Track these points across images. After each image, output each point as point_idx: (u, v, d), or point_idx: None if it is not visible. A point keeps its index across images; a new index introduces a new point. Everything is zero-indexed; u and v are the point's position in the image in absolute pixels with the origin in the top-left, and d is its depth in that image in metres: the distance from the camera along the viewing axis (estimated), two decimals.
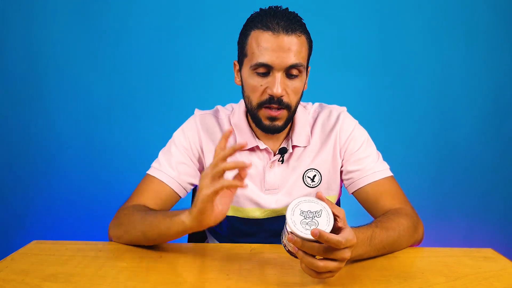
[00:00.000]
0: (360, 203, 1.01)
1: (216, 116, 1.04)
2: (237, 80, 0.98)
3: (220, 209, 0.74)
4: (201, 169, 1.02)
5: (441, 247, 0.90)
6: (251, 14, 0.93)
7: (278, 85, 0.87)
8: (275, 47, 0.85)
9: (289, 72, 0.88)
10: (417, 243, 0.92)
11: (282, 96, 0.88)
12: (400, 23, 2.03)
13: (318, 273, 0.67)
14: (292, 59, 0.86)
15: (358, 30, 2.03)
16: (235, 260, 0.83)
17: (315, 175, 1.00)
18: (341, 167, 1.02)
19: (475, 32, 2.03)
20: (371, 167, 0.99)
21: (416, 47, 2.04)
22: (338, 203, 1.16)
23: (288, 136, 1.01)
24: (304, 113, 1.04)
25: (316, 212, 0.67)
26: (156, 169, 0.98)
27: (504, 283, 0.73)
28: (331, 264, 0.66)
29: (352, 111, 1.09)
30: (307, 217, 0.66)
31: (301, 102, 1.05)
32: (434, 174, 2.12)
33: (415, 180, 2.09)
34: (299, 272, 0.77)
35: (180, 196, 1.00)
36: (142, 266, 0.78)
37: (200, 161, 1.02)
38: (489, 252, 0.88)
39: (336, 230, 0.67)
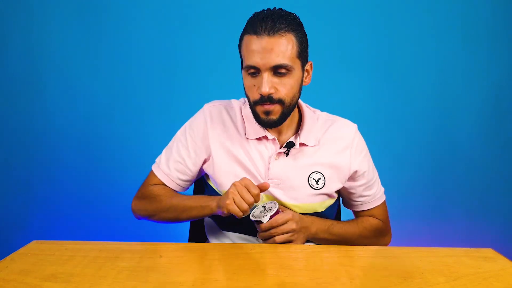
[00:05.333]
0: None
1: (227, 105, 1.08)
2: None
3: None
4: (208, 158, 1.05)
5: (441, 247, 0.91)
6: (248, 18, 0.96)
7: (265, 84, 0.92)
8: (259, 49, 0.91)
9: (277, 71, 0.93)
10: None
11: (271, 93, 0.93)
12: (399, 22, 2.03)
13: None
14: (275, 60, 0.91)
15: (357, 29, 2.03)
16: (235, 260, 0.83)
17: (319, 178, 1.02)
18: (347, 182, 1.07)
19: (475, 31, 2.03)
20: (372, 193, 1.10)
21: (416, 46, 2.04)
22: (337, 207, 1.19)
23: (297, 134, 1.04)
24: (313, 117, 1.07)
25: (267, 208, 0.96)
26: (156, 164, 1.09)
27: (504, 283, 0.73)
28: (284, 237, 0.93)
29: (351, 110, 1.11)
30: (262, 211, 0.95)
31: (310, 107, 1.09)
32: (434, 173, 2.12)
33: (415, 179, 2.09)
34: (299, 272, 0.77)
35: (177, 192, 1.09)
36: (142, 266, 0.78)
37: (208, 150, 1.04)
38: (489, 252, 0.88)
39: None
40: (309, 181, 1.01)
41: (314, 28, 1.06)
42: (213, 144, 1.03)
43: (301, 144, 1.02)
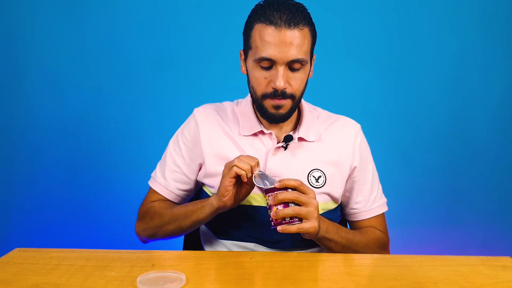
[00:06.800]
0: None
1: (217, 107, 1.11)
2: (243, 69, 1.04)
3: (243, 193, 0.94)
4: (203, 163, 1.06)
5: (456, 255, 0.91)
6: (256, 5, 0.97)
7: (281, 78, 0.94)
8: (278, 42, 0.92)
9: (292, 66, 0.95)
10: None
11: (285, 88, 0.95)
12: (411, 12, 2.03)
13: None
14: (294, 54, 0.93)
15: (365, 20, 2.02)
16: (233, 269, 0.83)
17: (320, 176, 1.03)
18: (347, 183, 1.08)
19: (492, 23, 2.03)
20: (372, 198, 1.10)
21: (428, 38, 2.04)
22: (341, 217, 1.19)
23: (295, 130, 1.06)
24: (313, 113, 1.09)
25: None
26: (152, 178, 1.12)
27: None
28: (303, 210, 0.85)
29: (357, 106, 1.10)
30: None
31: (310, 104, 1.12)
32: (447, 175, 2.11)
33: (427, 181, 2.08)
34: (303, 282, 0.77)
35: (177, 203, 1.10)
36: (133, 276, 0.78)
37: (201, 155, 1.06)
38: (507, 260, 0.88)
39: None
40: (309, 178, 1.02)
41: (319, 19, 1.06)
42: (206, 148, 1.05)
43: (300, 139, 1.04)
